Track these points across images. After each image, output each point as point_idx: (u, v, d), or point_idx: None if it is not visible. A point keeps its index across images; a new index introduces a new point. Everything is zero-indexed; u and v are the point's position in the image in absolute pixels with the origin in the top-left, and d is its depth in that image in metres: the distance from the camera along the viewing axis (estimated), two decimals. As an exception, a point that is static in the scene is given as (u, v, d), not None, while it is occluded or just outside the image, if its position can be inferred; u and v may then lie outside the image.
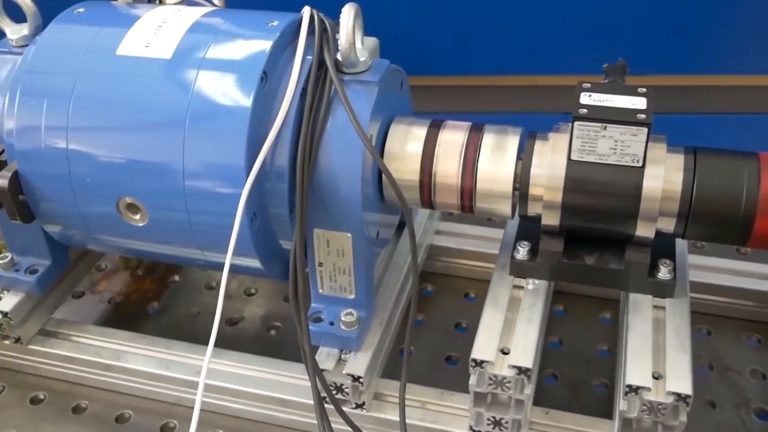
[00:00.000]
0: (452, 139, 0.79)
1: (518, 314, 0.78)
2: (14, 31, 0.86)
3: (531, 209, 0.78)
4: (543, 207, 0.76)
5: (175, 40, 0.78)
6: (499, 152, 0.78)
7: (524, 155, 0.77)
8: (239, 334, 0.99)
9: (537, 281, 0.82)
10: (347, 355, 0.81)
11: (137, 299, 1.06)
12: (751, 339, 0.95)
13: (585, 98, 0.74)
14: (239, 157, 0.73)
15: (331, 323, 0.81)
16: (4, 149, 0.81)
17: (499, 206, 0.79)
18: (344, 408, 0.79)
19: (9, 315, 0.89)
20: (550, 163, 0.75)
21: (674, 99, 1.34)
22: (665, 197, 0.73)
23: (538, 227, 0.79)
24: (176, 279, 1.09)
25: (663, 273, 0.78)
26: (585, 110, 0.73)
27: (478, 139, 0.79)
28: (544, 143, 0.77)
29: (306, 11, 0.80)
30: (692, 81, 1.34)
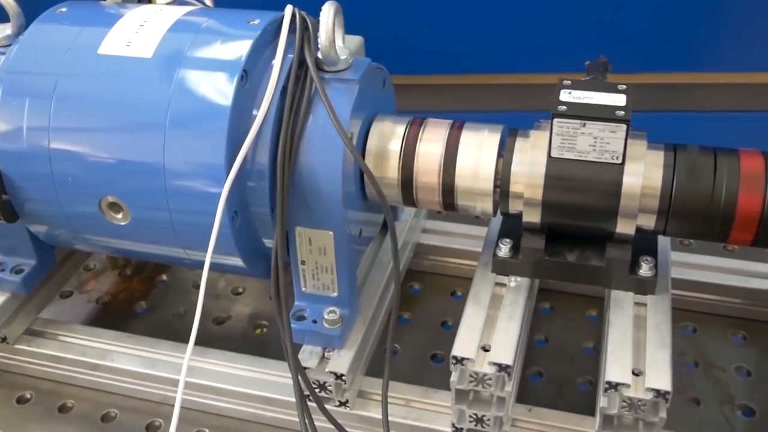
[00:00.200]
0: (433, 137, 0.79)
1: (500, 311, 0.78)
2: (-3, 31, 0.86)
3: (512, 206, 0.78)
4: (524, 204, 0.76)
5: (156, 39, 0.78)
6: (480, 149, 0.78)
7: (505, 152, 0.77)
8: (226, 333, 1.00)
9: (519, 278, 0.82)
10: (330, 353, 0.81)
11: (125, 299, 1.06)
12: (737, 336, 0.95)
13: (565, 95, 0.74)
14: (219, 156, 0.73)
15: (315, 321, 0.81)
16: (-14, 149, 0.81)
17: (481, 204, 0.79)
18: (327, 406, 0.79)
19: (-6, 315, 0.89)
20: (531, 161, 0.75)
21: (661, 97, 1.34)
22: (645, 194, 0.73)
23: (521, 225, 0.79)
24: (164, 278, 1.09)
25: (644, 270, 0.78)
26: (564, 107, 0.73)
27: (459, 137, 0.79)
28: (525, 140, 0.77)
29: (288, 9, 0.80)
30: (679, 79, 1.34)
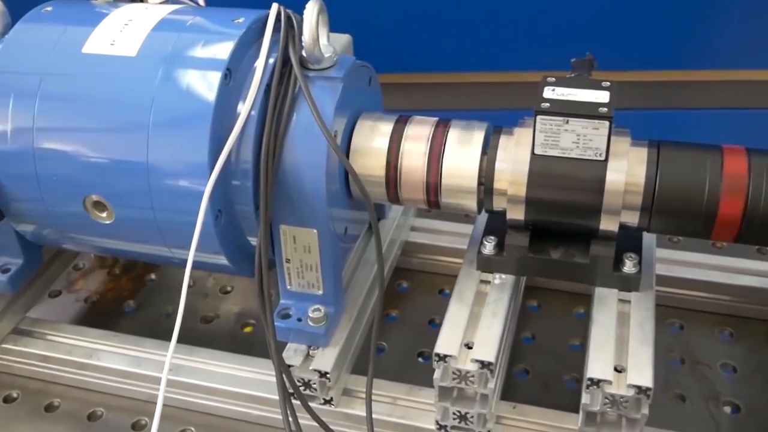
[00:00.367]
0: (418, 135, 0.79)
1: (484, 308, 0.78)
2: (-17, 31, 0.86)
3: (496, 204, 0.78)
4: (507, 201, 0.76)
5: (141, 38, 0.78)
6: (465, 147, 0.78)
7: (489, 150, 0.77)
8: (214, 332, 1.00)
9: (504, 276, 0.82)
10: (315, 351, 0.81)
11: (113, 298, 1.06)
12: (724, 333, 0.95)
13: (548, 92, 0.74)
14: (202, 154, 0.73)
15: (299, 319, 0.81)
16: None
17: (465, 201, 0.79)
18: (312, 404, 0.79)
19: (-20, 314, 0.89)
20: (515, 158, 0.75)
21: (654, 94, 1.35)
22: (628, 190, 0.73)
23: (505, 222, 0.79)
24: (153, 277, 1.09)
25: (628, 267, 0.78)
26: (547, 104, 0.73)
27: (444, 134, 0.79)
28: (509, 138, 0.77)
29: (273, 8, 0.80)
30: (672, 76, 1.34)
